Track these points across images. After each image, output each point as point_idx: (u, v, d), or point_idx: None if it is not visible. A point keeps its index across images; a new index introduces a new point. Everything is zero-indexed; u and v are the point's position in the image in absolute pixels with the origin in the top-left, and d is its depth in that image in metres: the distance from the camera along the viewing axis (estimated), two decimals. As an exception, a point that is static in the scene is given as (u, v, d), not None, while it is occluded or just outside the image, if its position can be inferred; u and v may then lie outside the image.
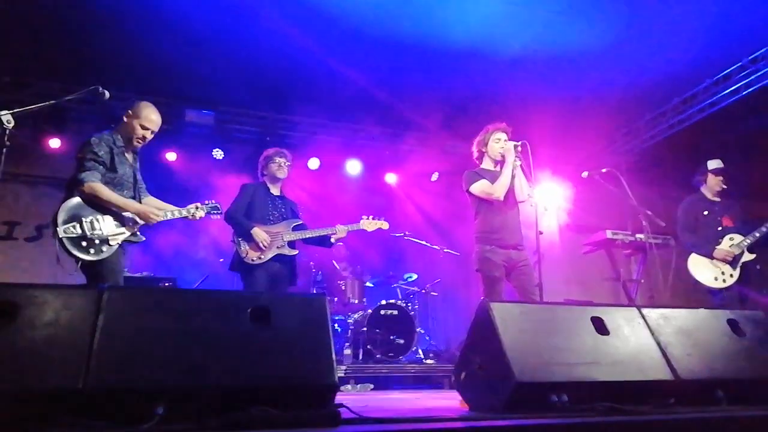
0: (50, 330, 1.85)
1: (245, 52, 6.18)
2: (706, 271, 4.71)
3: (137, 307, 2.01)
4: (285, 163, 4.65)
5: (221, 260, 6.31)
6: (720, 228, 4.80)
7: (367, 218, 4.85)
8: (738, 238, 4.70)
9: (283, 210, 4.61)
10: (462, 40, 6.00)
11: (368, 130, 8.09)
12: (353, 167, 8.25)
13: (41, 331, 1.84)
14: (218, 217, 4.16)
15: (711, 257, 4.70)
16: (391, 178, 8.61)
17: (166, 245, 7.08)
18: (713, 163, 5.02)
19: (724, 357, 2.57)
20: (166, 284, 6.09)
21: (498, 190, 3.96)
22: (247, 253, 4.30)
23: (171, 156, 7.45)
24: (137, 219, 3.49)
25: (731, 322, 2.75)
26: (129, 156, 3.65)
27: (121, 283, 3.47)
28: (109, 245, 3.36)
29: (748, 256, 4.65)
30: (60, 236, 3.22)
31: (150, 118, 3.60)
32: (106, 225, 3.38)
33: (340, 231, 4.59)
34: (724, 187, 4.95)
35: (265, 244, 4.31)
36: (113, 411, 1.78)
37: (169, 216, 3.71)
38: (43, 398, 1.74)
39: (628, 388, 2.32)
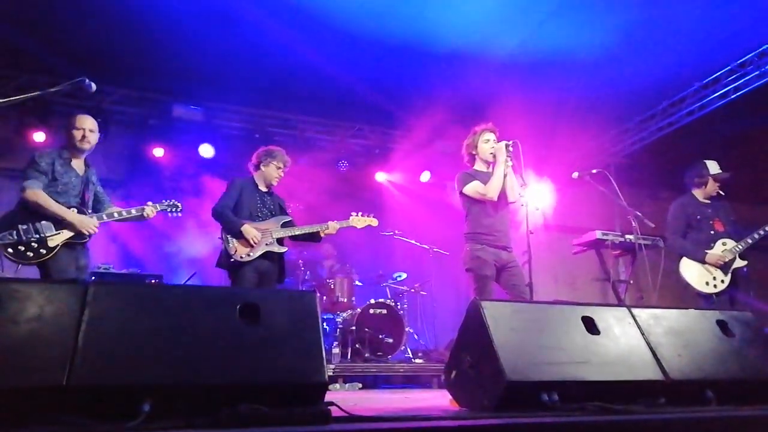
0: (33, 325, 1.80)
1: (234, 49, 6.14)
2: (697, 275, 4.59)
3: (123, 303, 1.96)
4: (283, 172, 4.60)
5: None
6: (712, 232, 4.69)
7: (357, 215, 4.81)
8: (731, 243, 4.60)
9: (271, 206, 4.55)
10: (453, 42, 6.00)
11: (358, 129, 8.08)
12: (343, 165, 8.22)
13: (24, 327, 1.79)
14: (178, 215, 4.30)
15: (703, 262, 4.58)
16: (381, 177, 8.60)
17: (152, 243, 7.01)
18: (714, 167, 4.81)
19: (714, 357, 2.58)
20: (153, 281, 6.02)
21: (491, 191, 3.95)
22: (235, 250, 4.24)
23: (158, 151, 7.37)
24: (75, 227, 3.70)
25: (721, 323, 2.76)
26: (77, 166, 3.90)
27: None
28: (49, 247, 3.58)
29: (739, 263, 4.55)
30: None
31: (81, 119, 3.91)
32: (43, 228, 3.60)
33: (332, 227, 4.56)
34: (722, 193, 4.83)
35: (256, 240, 4.25)
36: (98, 408, 1.74)
37: (117, 216, 3.91)
38: (26, 395, 1.69)
39: (618, 388, 2.32)
